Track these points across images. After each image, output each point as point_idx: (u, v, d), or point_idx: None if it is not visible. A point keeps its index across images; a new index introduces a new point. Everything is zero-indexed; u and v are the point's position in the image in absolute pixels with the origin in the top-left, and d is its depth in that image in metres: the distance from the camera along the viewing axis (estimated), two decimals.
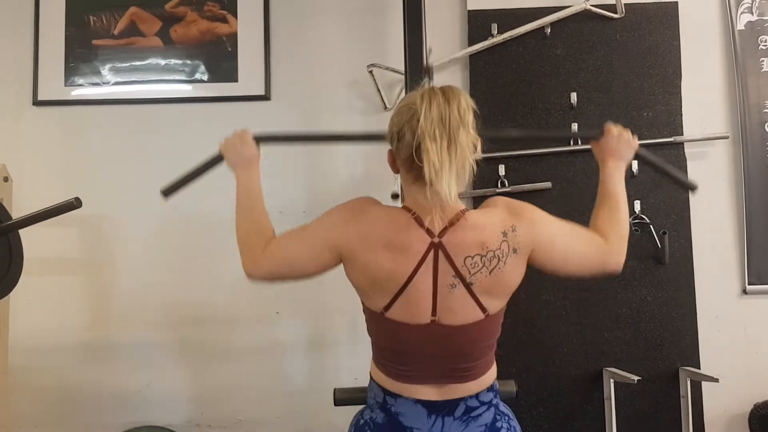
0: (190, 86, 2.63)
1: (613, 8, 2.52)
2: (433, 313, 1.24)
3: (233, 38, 2.62)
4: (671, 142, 2.48)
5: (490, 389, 1.33)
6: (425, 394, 1.28)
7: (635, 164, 2.45)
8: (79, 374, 2.55)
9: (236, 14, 2.62)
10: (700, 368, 2.42)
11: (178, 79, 2.63)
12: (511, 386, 1.78)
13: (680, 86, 2.52)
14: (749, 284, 2.48)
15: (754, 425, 2.42)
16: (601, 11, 2.52)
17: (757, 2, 2.58)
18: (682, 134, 2.50)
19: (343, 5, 2.64)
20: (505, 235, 1.24)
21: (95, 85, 2.64)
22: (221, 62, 2.62)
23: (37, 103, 2.63)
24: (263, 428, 2.52)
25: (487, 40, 2.53)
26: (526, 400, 2.42)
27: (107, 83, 2.64)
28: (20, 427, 2.50)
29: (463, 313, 1.24)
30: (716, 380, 2.15)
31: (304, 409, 2.51)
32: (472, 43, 2.56)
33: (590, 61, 2.54)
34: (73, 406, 2.54)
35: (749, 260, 2.49)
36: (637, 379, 2.14)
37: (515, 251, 1.24)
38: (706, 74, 2.56)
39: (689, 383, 2.37)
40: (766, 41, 2.57)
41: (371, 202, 1.31)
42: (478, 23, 2.57)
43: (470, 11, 2.58)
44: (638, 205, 2.46)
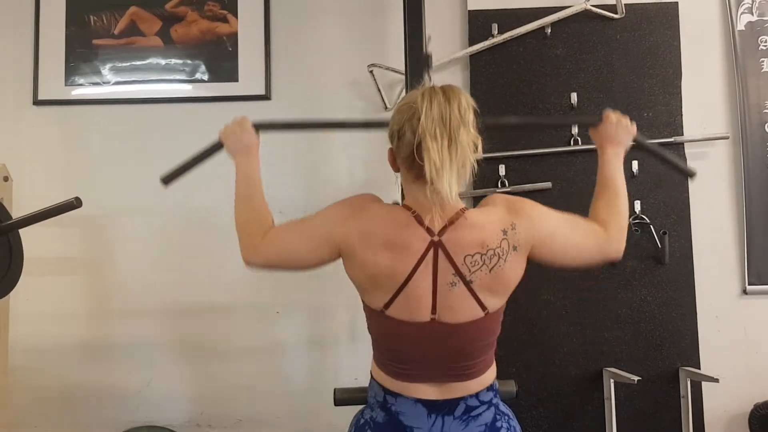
0: (190, 86, 2.63)
1: (613, 8, 2.52)
2: (432, 311, 1.24)
3: (234, 38, 2.62)
4: (671, 142, 2.48)
5: (489, 389, 1.33)
6: (425, 393, 1.28)
7: (635, 164, 2.46)
8: (79, 374, 2.54)
9: (237, 14, 2.62)
10: (700, 368, 2.42)
11: (178, 78, 2.63)
12: (511, 386, 1.78)
13: (680, 86, 2.52)
14: (749, 284, 2.49)
15: (754, 425, 2.42)
16: (601, 11, 2.53)
17: (757, 2, 2.58)
18: (682, 134, 2.50)
19: (343, 5, 2.65)
20: (505, 233, 1.24)
21: (95, 84, 2.64)
22: (222, 62, 2.62)
23: (37, 102, 2.63)
24: (263, 428, 2.52)
25: (487, 40, 2.53)
26: (526, 400, 2.42)
27: (107, 83, 2.64)
28: (20, 427, 2.50)
29: (462, 311, 1.24)
30: (716, 380, 2.15)
31: (304, 409, 2.51)
32: (472, 43, 2.56)
33: (590, 61, 2.54)
34: (73, 406, 2.54)
35: (749, 260, 2.49)
36: (637, 379, 2.14)
37: (515, 249, 1.24)
38: (706, 74, 2.57)
39: (689, 383, 2.37)
40: (766, 41, 2.57)
41: (373, 199, 1.32)
42: (478, 23, 2.57)
43: (471, 11, 2.58)
44: (638, 205, 2.46)
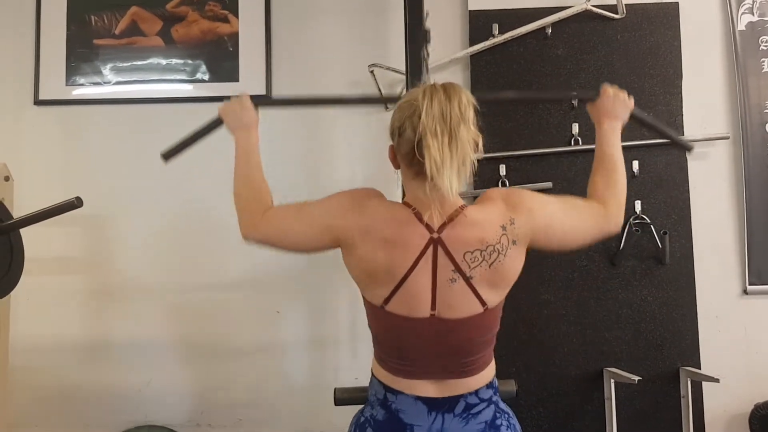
0: (191, 86, 2.63)
1: (614, 9, 2.53)
2: (432, 307, 1.25)
3: (234, 38, 2.62)
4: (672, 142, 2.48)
5: (489, 386, 1.33)
6: (425, 390, 1.29)
7: (636, 164, 2.46)
8: (79, 374, 2.54)
9: (237, 14, 2.62)
10: (700, 368, 2.42)
11: (179, 78, 2.63)
12: (511, 386, 1.77)
13: (681, 86, 2.53)
14: (750, 284, 2.49)
15: (754, 425, 2.42)
16: (602, 12, 2.53)
17: (757, 3, 2.58)
18: (682, 134, 2.50)
19: (344, 5, 2.65)
20: (504, 228, 1.24)
21: (96, 84, 2.64)
22: (222, 62, 2.62)
23: (38, 102, 2.63)
24: (263, 428, 2.52)
25: (488, 40, 2.54)
26: (526, 400, 2.42)
27: (108, 83, 2.64)
28: (20, 426, 2.50)
29: (462, 307, 1.25)
30: (717, 380, 2.15)
31: (304, 408, 2.51)
32: (473, 43, 2.56)
33: (591, 61, 2.54)
34: (73, 405, 2.54)
35: (750, 260, 2.49)
36: (637, 379, 2.14)
37: (514, 243, 1.25)
38: (706, 75, 2.57)
39: (690, 383, 2.37)
40: (766, 42, 2.57)
41: (375, 194, 1.32)
42: (479, 23, 2.57)
43: (471, 11, 2.58)
44: (639, 205, 2.46)
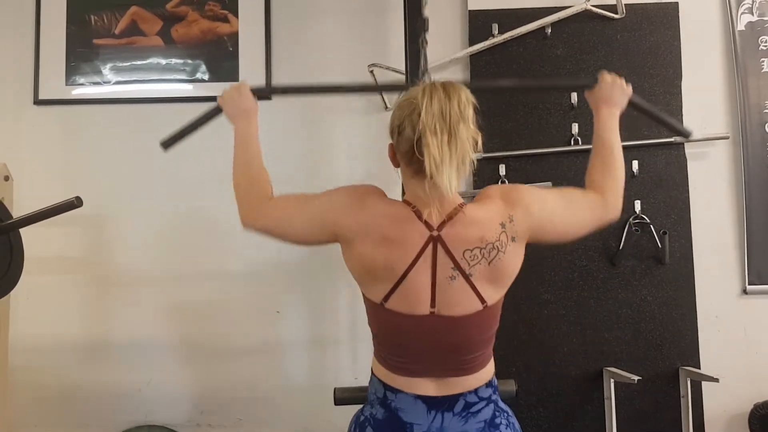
0: (191, 86, 2.63)
1: (613, 8, 2.53)
2: (432, 304, 1.25)
3: (234, 38, 2.62)
4: (671, 142, 2.48)
5: (488, 385, 1.33)
6: (425, 388, 1.29)
7: (635, 164, 2.46)
8: (79, 373, 2.54)
9: (237, 14, 2.62)
10: (700, 368, 2.42)
11: (179, 78, 2.63)
12: (511, 386, 1.78)
13: (681, 86, 2.53)
14: (749, 284, 2.49)
15: (754, 425, 2.42)
16: (601, 11, 2.53)
17: (757, 3, 2.58)
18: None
19: (344, 5, 2.65)
20: (503, 226, 1.25)
21: (96, 84, 2.64)
22: (222, 62, 2.62)
23: (37, 102, 2.62)
24: (263, 427, 2.52)
25: (487, 40, 2.54)
26: (526, 400, 2.42)
27: (108, 82, 2.64)
28: (20, 426, 2.50)
29: (462, 304, 1.25)
30: (716, 380, 2.15)
31: (304, 408, 2.51)
32: (472, 43, 2.56)
33: (591, 61, 2.54)
34: (73, 405, 2.54)
35: (749, 260, 2.49)
36: (637, 379, 2.14)
37: (513, 239, 1.25)
38: (706, 75, 2.57)
39: (689, 383, 2.37)
40: (766, 42, 2.57)
41: (375, 192, 1.32)
42: (478, 23, 2.57)
43: (471, 11, 2.59)
44: (638, 205, 2.46)
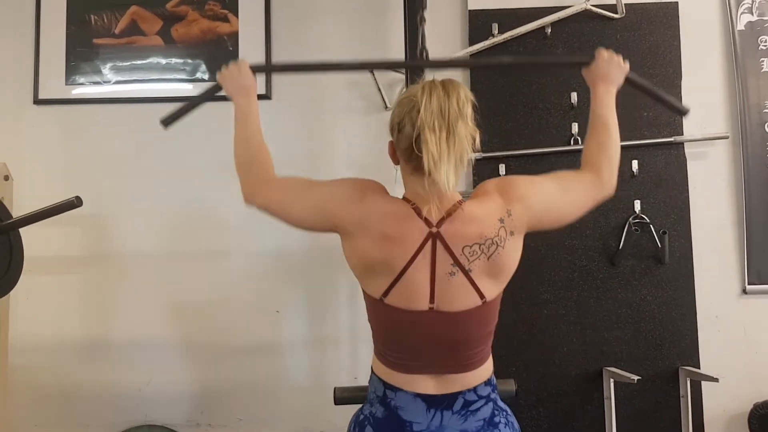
0: (191, 85, 2.63)
1: (613, 8, 2.53)
2: (431, 300, 1.26)
3: (234, 37, 2.62)
4: (671, 142, 2.48)
5: (487, 383, 1.33)
6: (425, 386, 1.29)
7: (635, 164, 2.46)
8: (79, 373, 2.54)
9: (237, 13, 2.62)
10: (699, 368, 2.42)
11: (179, 78, 2.63)
12: (510, 385, 1.78)
13: (680, 86, 2.53)
14: (749, 284, 2.49)
15: (753, 425, 2.42)
16: (601, 11, 2.53)
17: (757, 2, 2.58)
18: (682, 134, 2.50)
19: (344, 5, 2.65)
20: (502, 221, 1.26)
21: (96, 84, 2.64)
22: (222, 61, 2.54)
23: (37, 101, 2.63)
24: (263, 427, 2.52)
25: (487, 39, 2.54)
26: (526, 399, 2.42)
27: (108, 82, 2.64)
28: (20, 426, 2.50)
29: (461, 300, 1.26)
30: (716, 380, 2.15)
31: (304, 408, 2.51)
32: (472, 42, 2.56)
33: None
34: (73, 405, 2.54)
35: (749, 260, 2.49)
36: (637, 378, 2.14)
37: (512, 233, 1.26)
38: (706, 74, 2.57)
39: (689, 383, 2.37)
40: (766, 41, 2.57)
41: (377, 188, 1.33)
42: (478, 23, 2.57)
43: (471, 11, 2.59)
44: (638, 205, 2.47)
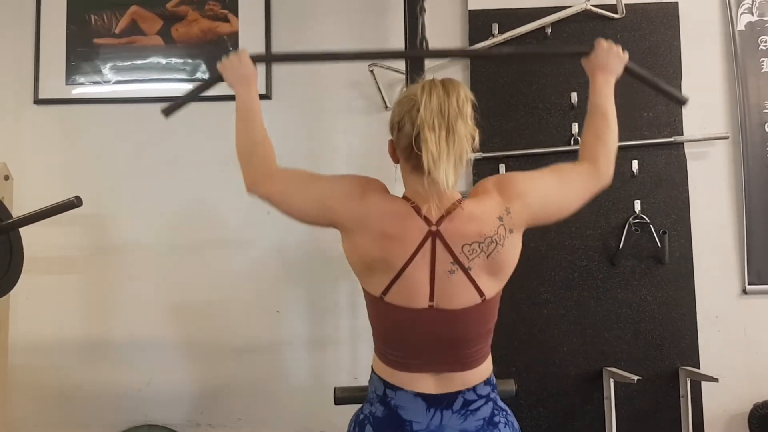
0: (191, 85, 2.60)
1: (613, 8, 2.53)
2: (430, 298, 1.26)
3: (234, 37, 2.62)
4: (671, 142, 2.48)
5: (487, 383, 1.33)
6: (425, 385, 1.29)
7: (635, 164, 2.46)
8: (79, 373, 2.54)
9: (237, 13, 2.62)
10: (699, 368, 2.42)
11: (179, 78, 2.63)
12: (510, 385, 1.78)
13: (680, 86, 2.52)
14: (749, 284, 2.49)
15: (753, 425, 2.42)
16: (601, 11, 2.53)
17: (757, 3, 2.58)
18: (682, 134, 2.50)
19: (344, 5, 2.64)
20: (501, 219, 1.26)
21: (96, 83, 2.64)
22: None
23: (38, 101, 2.63)
24: (263, 427, 2.52)
25: (488, 40, 2.53)
26: (526, 399, 2.42)
27: (108, 82, 2.64)
28: (20, 426, 2.50)
29: (460, 297, 1.26)
30: (716, 380, 2.15)
31: (304, 408, 2.51)
32: (472, 42, 2.56)
33: None
34: (73, 405, 2.54)
35: (749, 260, 2.49)
36: (637, 378, 2.14)
37: (511, 231, 1.27)
38: (706, 74, 2.57)
39: (689, 383, 2.37)
40: (766, 42, 2.57)
41: (378, 187, 1.33)
42: (478, 23, 2.57)
43: (471, 11, 2.59)
44: (638, 205, 2.47)
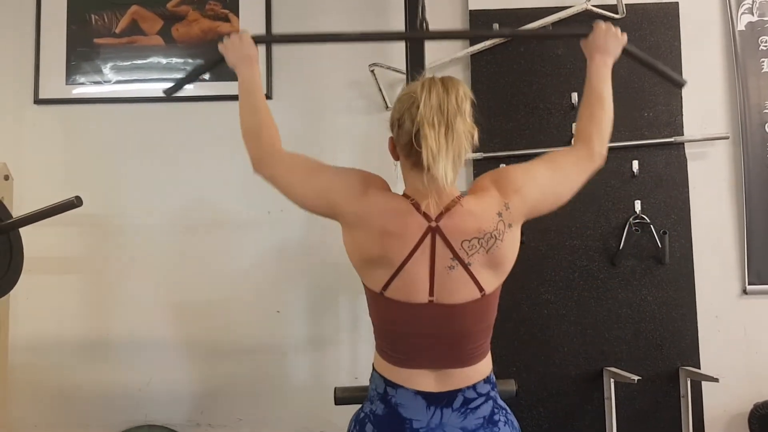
0: (191, 85, 2.61)
1: (614, 8, 2.53)
2: (430, 293, 1.27)
3: None
4: (672, 142, 2.48)
5: (487, 381, 1.34)
6: (425, 383, 1.30)
7: (636, 164, 2.46)
8: (79, 373, 2.54)
9: (238, 13, 2.62)
10: (700, 368, 2.43)
11: (179, 78, 2.62)
12: (511, 385, 1.78)
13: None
14: (749, 284, 2.49)
15: (753, 425, 2.42)
16: (602, 11, 2.53)
17: (757, 3, 2.58)
18: (682, 134, 2.50)
19: (344, 5, 2.64)
20: (500, 215, 1.27)
21: (96, 83, 2.64)
22: (223, 62, 2.61)
23: (38, 101, 2.62)
24: (263, 427, 2.52)
25: (488, 39, 2.54)
26: (526, 400, 2.42)
27: (108, 82, 2.64)
28: (20, 426, 2.50)
29: (460, 292, 1.27)
30: (716, 380, 2.16)
31: (304, 408, 2.51)
32: (473, 42, 2.56)
33: None
34: (73, 405, 2.54)
35: (749, 260, 2.49)
36: (637, 378, 2.14)
37: (510, 226, 1.28)
38: (706, 74, 2.57)
39: (689, 383, 2.37)
40: (766, 42, 2.57)
41: (380, 184, 1.34)
42: (479, 23, 2.57)
43: (472, 11, 2.59)
44: (638, 205, 2.47)
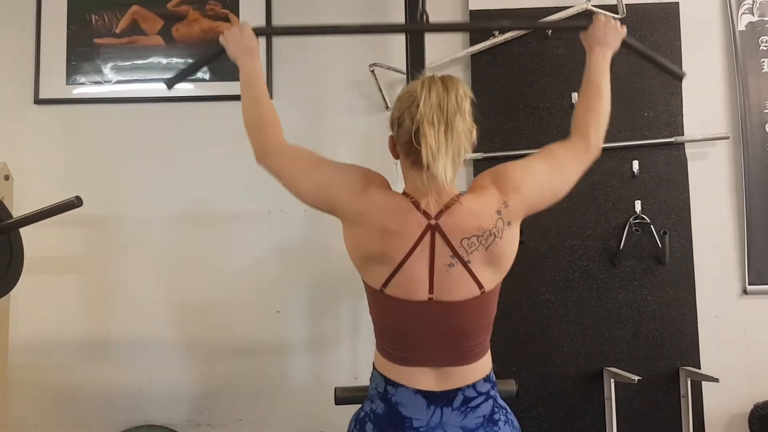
0: (191, 85, 2.63)
1: (614, 9, 2.52)
2: (430, 290, 1.27)
3: None
4: (672, 142, 2.48)
5: (486, 380, 1.34)
6: (425, 381, 1.30)
7: (636, 164, 2.46)
8: (79, 373, 2.54)
9: (238, 13, 2.62)
10: (700, 368, 2.43)
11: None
12: (511, 385, 1.78)
13: (681, 86, 2.52)
14: (749, 284, 2.49)
15: (754, 425, 2.42)
16: (602, 12, 2.52)
17: (757, 3, 2.59)
18: (682, 134, 2.50)
19: (344, 5, 2.64)
20: (499, 213, 1.28)
21: (97, 83, 2.64)
22: (223, 61, 2.58)
23: (38, 101, 2.62)
24: (263, 427, 2.53)
25: (488, 39, 2.54)
26: (526, 399, 2.42)
27: (109, 82, 2.64)
28: (20, 426, 2.50)
29: (460, 290, 1.27)
30: (716, 380, 2.16)
31: (304, 408, 2.52)
32: (473, 42, 2.56)
33: None
34: (73, 405, 2.54)
35: (749, 260, 2.49)
36: (637, 378, 2.14)
37: (509, 224, 1.29)
38: (706, 75, 2.57)
39: (689, 383, 2.37)
40: (766, 42, 2.57)
41: (381, 182, 1.34)
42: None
43: (472, 11, 2.59)
44: (639, 205, 2.47)
